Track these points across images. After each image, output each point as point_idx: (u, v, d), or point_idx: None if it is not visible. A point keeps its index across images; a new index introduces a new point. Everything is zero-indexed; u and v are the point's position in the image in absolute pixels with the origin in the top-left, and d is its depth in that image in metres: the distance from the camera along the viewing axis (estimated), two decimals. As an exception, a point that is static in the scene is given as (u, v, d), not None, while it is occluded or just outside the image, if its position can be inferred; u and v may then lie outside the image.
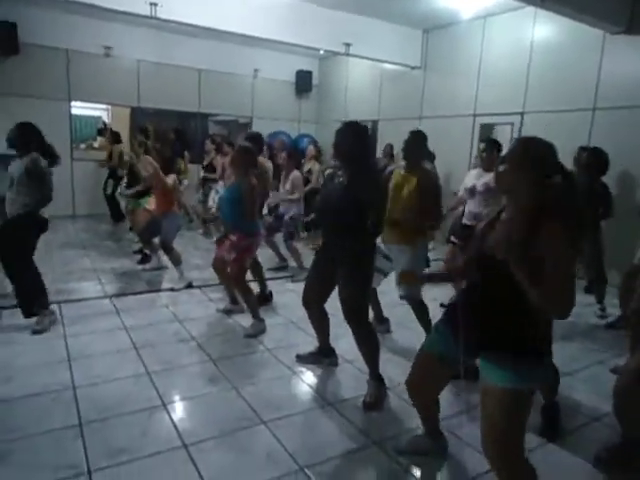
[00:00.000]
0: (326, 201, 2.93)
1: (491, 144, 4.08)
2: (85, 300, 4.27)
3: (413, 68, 8.15)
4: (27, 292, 3.62)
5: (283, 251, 5.62)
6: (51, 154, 3.65)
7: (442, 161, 6.77)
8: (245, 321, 3.89)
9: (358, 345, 2.86)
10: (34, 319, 3.59)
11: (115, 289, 4.67)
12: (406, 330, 3.84)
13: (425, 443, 2.32)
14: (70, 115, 8.36)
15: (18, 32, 7.38)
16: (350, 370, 3.18)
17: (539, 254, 1.56)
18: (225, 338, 3.65)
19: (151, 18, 5.71)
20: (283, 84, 10.22)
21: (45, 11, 7.50)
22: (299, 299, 3.04)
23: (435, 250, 5.41)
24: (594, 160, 4.40)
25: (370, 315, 3.04)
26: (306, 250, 5.90)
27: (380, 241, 3.32)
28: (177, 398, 2.75)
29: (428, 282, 2.52)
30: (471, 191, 4.07)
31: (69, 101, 8.27)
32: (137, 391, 2.77)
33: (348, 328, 2.85)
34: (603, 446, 2.36)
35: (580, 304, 4.79)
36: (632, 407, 2.22)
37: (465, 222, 4.23)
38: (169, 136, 7.73)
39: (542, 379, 1.77)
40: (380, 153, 7.59)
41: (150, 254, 5.52)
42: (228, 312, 4.12)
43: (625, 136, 5.25)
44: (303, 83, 10.27)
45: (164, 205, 4.97)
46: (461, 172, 5.89)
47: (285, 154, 5.61)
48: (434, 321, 2.26)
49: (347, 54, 7.41)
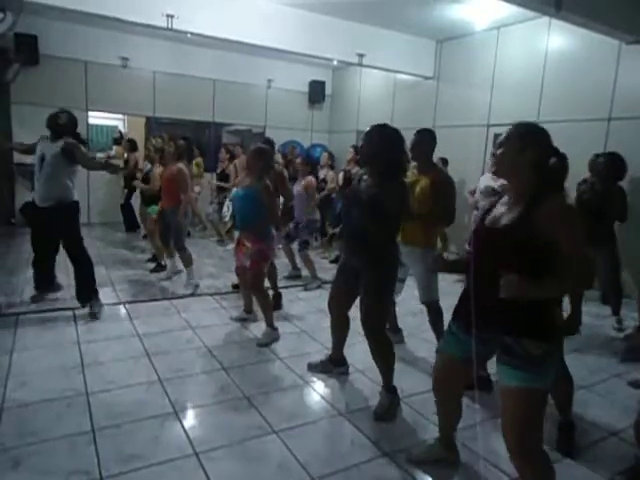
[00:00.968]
0: (350, 207, 2.81)
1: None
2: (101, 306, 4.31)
3: (426, 78, 8.17)
4: (90, 276, 4.07)
5: (297, 260, 5.62)
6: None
7: (455, 170, 6.68)
8: (258, 330, 3.90)
9: (374, 357, 2.82)
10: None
11: (128, 296, 4.71)
12: (419, 341, 3.82)
13: (438, 453, 2.30)
14: (87, 124, 8.51)
15: (38, 44, 7.57)
16: (362, 380, 3.16)
17: (547, 238, 1.62)
18: (237, 346, 3.65)
19: (167, 30, 5.82)
20: (296, 94, 10.30)
21: (64, 24, 7.68)
22: (311, 308, 3.04)
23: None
24: (610, 164, 4.35)
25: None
26: (319, 259, 5.90)
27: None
28: (189, 406, 2.75)
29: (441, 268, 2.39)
30: (487, 193, 4.05)
31: (86, 111, 8.43)
32: (149, 398, 2.78)
33: (361, 337, 2.83)
34: (617, 471, 2.30)
35: (597, 316, 4.79)
36: None
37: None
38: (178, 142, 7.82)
39: (553, 375, 1.78)
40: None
41: (165, 261, 5.57)
42: (242, 320, 4.12)
43: (640, 146, 5.19)
44: (316, 93, 10.34)
45: (171, 198, 4.96)
46: (474, 182, 5.85)
47: (301, 159, 5.71)
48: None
49: (360, 64, 7.45)
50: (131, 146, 7.95)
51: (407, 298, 3.35)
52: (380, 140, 2.66)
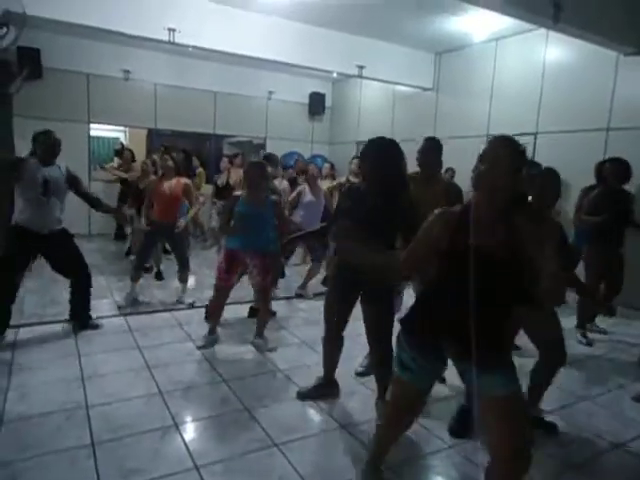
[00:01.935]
0: (355, 223, 2.57)
1: None
2: (99, 318, 4.29)
3: (426, 90, 8.23)
4: (89, 300, 4.00)
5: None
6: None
7: (455, 181, 6.77)
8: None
9: (378, 367, 2.78)
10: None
11: (129, 308, 4.70)
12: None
13: None
14: (89, 137, 8.57)
15: (41, 57, 7.65)
16: (363, 391, 3.14)
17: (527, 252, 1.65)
18: (238, 358, 3.63)
19: (169, 43, 5.88)
20: (296, 106, 10.37)
21: (67, 37, 7.77)
22: (311, 318, 3.02)
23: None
24: (615, 169, 4.35)
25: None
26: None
27: None
28: (189, 419, 2.74)
29: None
30: None
31: (88, 123, 8.50)
32: (150, 411, 2.76)
33: (356, 350, 2.79)
34: None
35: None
36: None
37: None
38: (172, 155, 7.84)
39: None
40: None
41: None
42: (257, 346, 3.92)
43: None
44: (316, 105, 10.41)
45: (173, 213, 4.81)
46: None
47: (313, 166, 5.69)
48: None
49: (360, 76, 7.51)
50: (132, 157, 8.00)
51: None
52: (391, 153, 2.62)
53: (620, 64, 5.60)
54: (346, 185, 4.99)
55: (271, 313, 4.36)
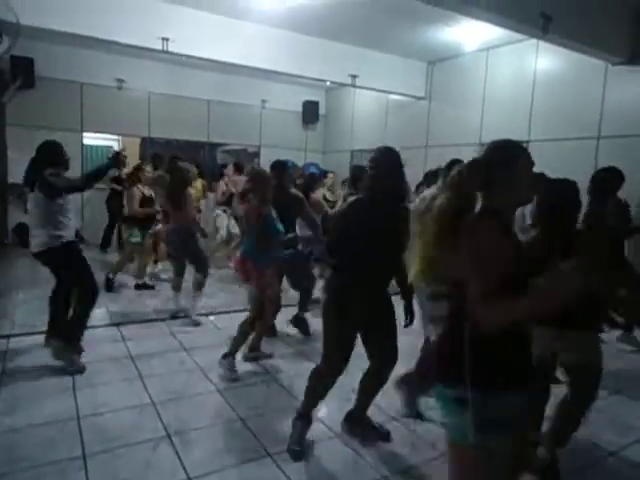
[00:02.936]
0: (357, 238, 2.42)
1: None
2: (92, 328, 4.25)
3: (419, 99, 8.30)
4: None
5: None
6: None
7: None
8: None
9: (381, 385, 2.66)
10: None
11: (122, 317, 4.67)
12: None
13: None
14: (82, 145, 8.55)
15: (35, 66, 7.63)
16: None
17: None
18: (231, 367, 3.61)
19: (163, 52, 5.90)
20: (290, 114, 10.41)
21: (61, 46, 7.75)
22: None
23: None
24: (604, 179, 4.36)
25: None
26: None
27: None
28: (182, 429, 2.70)
29: None
30: None
31: (81, 132, 8.48)
32: (142, 421, 2.74)
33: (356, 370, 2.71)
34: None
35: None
36: None
37: None
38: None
39: None
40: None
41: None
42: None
43: (630, 164, 5.25)
44: (310, 113, 10.46)
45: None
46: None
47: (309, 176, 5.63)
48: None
49: (353, 85, 7.56)
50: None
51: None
52: (394, 164, 2.53)
53: (609, 74, 5.68)
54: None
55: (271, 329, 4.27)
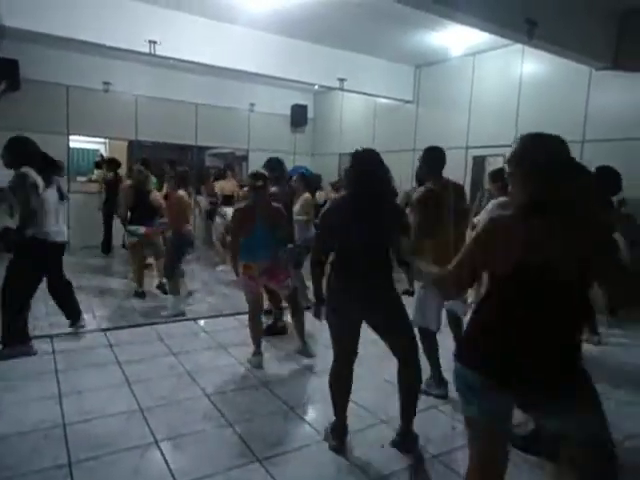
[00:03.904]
0: (351, 234, 2.47)
1: (495, 175, 4.11)
2: (78, 333, 4.22)
3: (406, 102, 8.36)
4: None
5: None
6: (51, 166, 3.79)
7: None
8: (239, 353, 3.85)
9: (410, 387, 2.58)
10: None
11: (109, 322, 4.62)
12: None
13: None
14: (68, 149, 8.46)
15: (20, 68, 7.53)
16: (350, 406, 3.12)
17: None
18: (220, 372, 3.59)
19: (150, 55, 5.87)
20: (279, 118, 10.42)
21: (46, 48, 7.67)
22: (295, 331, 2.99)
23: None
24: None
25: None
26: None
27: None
28: (170, 435, 2.68)
29: None
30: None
31: (67, 135, 8.39)
32: (129, 428, 2.71)
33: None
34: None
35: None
36: None
37: None
38: (165, 168, 7.80)
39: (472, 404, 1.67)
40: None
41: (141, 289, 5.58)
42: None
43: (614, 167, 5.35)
44: (298, 117, 10.47)
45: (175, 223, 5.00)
46: (455, 203, 5.98)
47: (297, 176, 5.64)
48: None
49: (341, 89, 7.60)
50: (114, 165, 7.93)
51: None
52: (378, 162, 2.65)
53: (593, 78, 5.78)
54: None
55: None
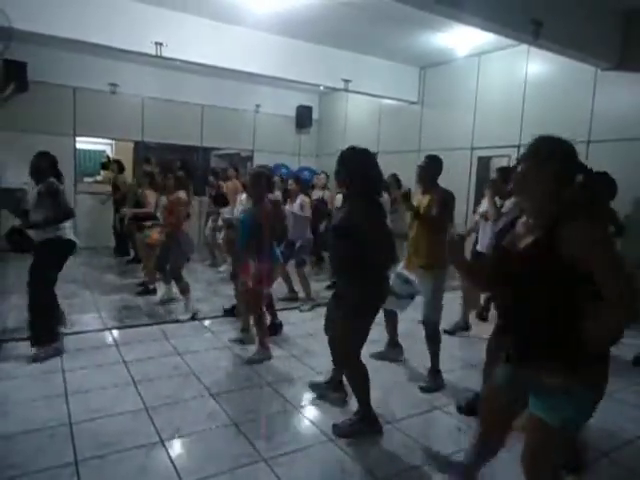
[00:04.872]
0: (330, 235, 2.79)
1: (501, 172, 4.33)
2: (84, 333, 4.24)
3: (411, 103, 8.35)
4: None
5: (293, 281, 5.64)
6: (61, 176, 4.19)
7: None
8: (247, 354, 3.86)
9: (348, 382, 2.84)
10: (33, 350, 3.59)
11: (115, 322, 4.65)
12: (414, 362, 3.81)
13: None
14: (75, 150, 8.52)
15: (28, 70, 7.60)
16: (354, 404, 3.13)
17: (575, 264, 1.44)
18: (225, 372, 3.61)
19: (156, 57, 5.90)
20: (284, 119, 10.44)
21: (54, 51, 7.73)
22: (301, 331, 3.02)
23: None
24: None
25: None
26: (313, 281, 5.91)
27: (402, 267, 3.39)
28: (176, 434, 2.69)
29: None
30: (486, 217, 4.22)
31: (74, 136, 8.45)
32: (135, 427, 2.72)
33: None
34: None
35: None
36: None
37: (478, 249, 4.34)
38: (175, 166, 7.84)
39: (571, 416, 1.70)
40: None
41: (155, 285, 5.59)
42: (239, 342, 4.14)
43: (619, 168, 5.31)
44: (303, 118, 10.49)
45: (172, 225, 5.01)
46: (460, 204, 5.93)
47: (293, 179, 5.77)
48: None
49: (346, 90, 7.60)
50: (119, 168, 7.94)
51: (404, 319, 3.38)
52: (349, 163, 2.67)
53: (598, 79, 5.75)
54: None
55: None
